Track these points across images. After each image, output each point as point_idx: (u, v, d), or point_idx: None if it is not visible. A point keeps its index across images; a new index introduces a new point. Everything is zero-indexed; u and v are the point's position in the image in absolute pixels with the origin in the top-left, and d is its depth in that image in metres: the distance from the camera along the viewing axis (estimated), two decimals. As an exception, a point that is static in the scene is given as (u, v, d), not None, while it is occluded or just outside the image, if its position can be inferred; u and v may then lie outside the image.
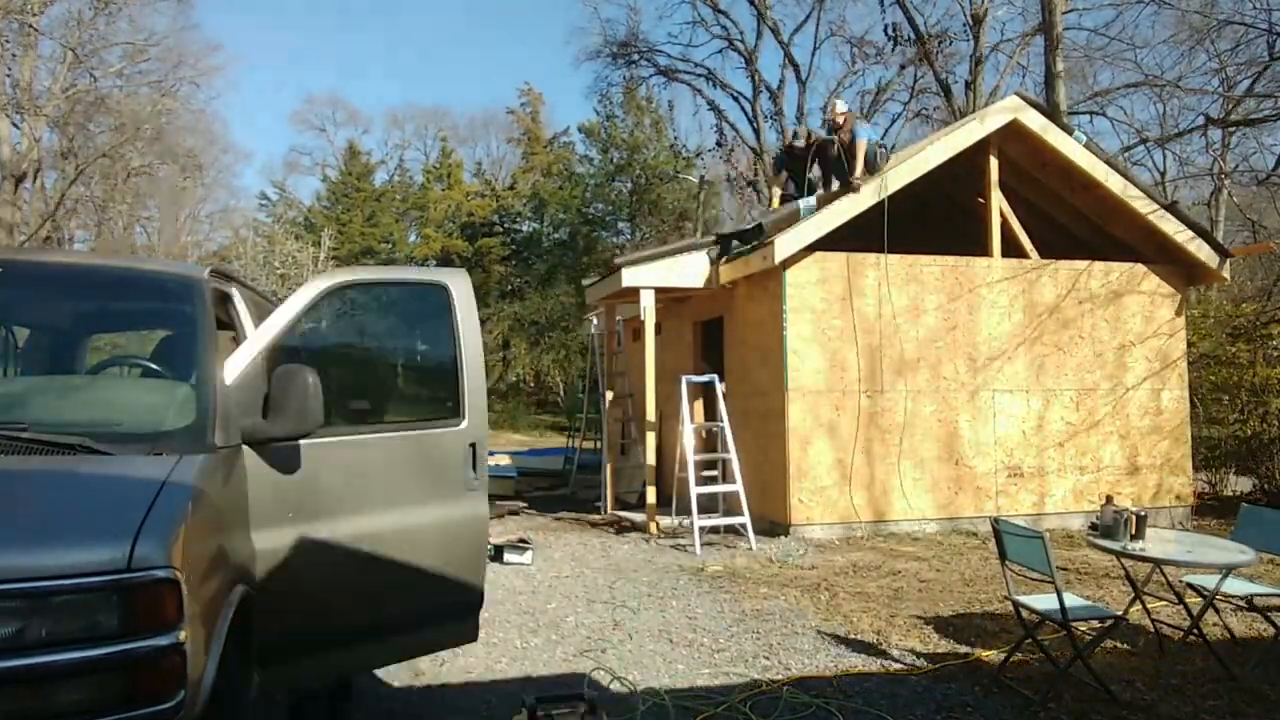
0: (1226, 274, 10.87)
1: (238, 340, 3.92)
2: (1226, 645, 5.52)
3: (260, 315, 4.55)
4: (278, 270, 31.01)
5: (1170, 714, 4.44)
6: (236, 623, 2.86)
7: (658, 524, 10.20)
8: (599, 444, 13.78)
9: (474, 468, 3.88)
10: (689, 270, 10.56)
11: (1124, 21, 17.65)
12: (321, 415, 3.26)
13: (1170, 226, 10.54)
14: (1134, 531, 5.14)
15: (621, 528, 10.59)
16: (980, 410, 10.02)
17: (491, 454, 16.82)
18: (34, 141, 23.06)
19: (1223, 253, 10.75)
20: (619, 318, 13.10)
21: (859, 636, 5.90)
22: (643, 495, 10.69)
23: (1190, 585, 5.64)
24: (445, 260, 43.19)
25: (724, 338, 11.15)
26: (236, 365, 3.35)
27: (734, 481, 9.31)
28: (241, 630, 2.98)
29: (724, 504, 10.62)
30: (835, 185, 10.18)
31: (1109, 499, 5.67)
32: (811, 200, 9.54)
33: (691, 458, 9.32)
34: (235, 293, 4.14)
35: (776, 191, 11.26)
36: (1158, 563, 5.07)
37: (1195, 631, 5.15)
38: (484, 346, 4.18)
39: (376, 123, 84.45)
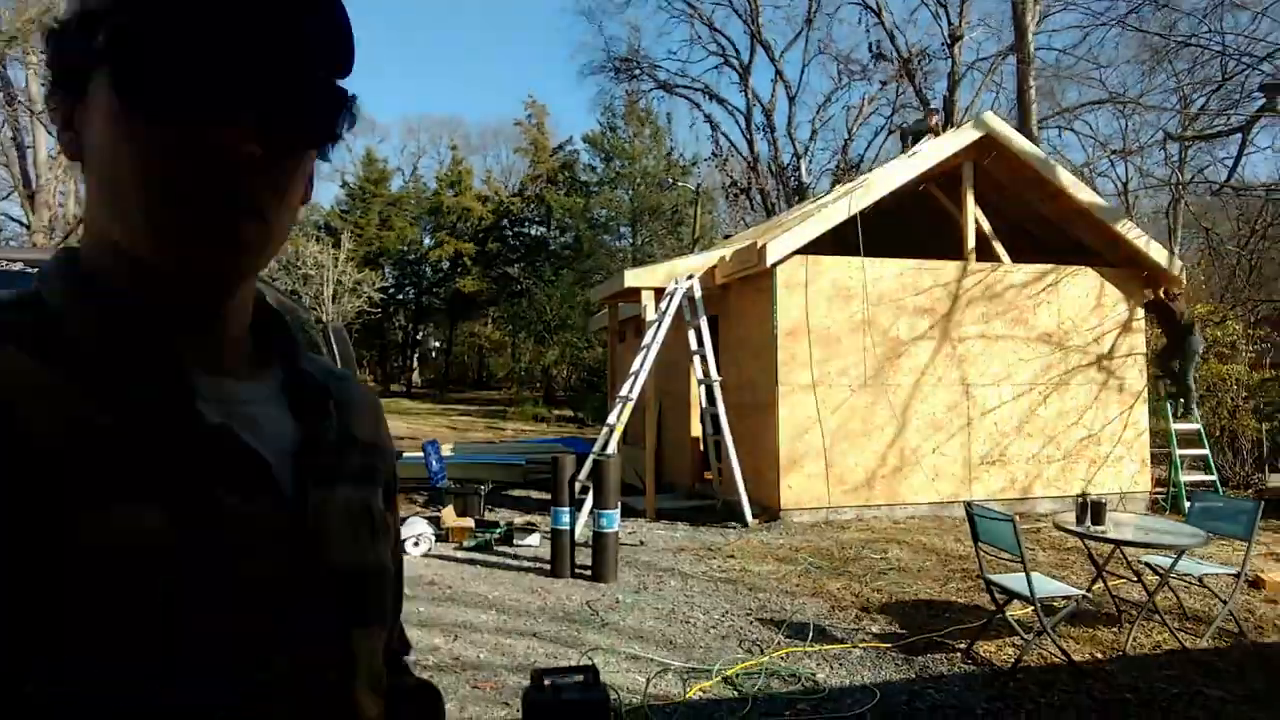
0: (1182, 277, 10.97)
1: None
2: (1180, 619, 5.62)
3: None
4: (299, 271, 30.98)
5: (1128, 683, 4.54)
6: None
7: (656, 509, 10.28)
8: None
9: None
10: (686, 271, 10.62)
11: (1090, 43, 17.77)
12: None
13: (1130, 232, 10.65)
14: (1095, 515, 5.25)
15: (623, 512, 10.64)
16: (957, 403, 10.10)
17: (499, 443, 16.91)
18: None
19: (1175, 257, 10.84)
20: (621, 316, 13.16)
21: (843, 613, 5.98)
22: (644, 482, 10.76)
23: (1147, 565, 5.74)
24: (456, 261, 43.23)
25: (720, 335, 11.22)
26: None
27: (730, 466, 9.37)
28: None
29: (719, 488, 10.72)
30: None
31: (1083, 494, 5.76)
32: None
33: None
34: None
35: None
36: (1118, 544, 5.17)
37: (1151, 607, 5.25)
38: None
39: (393, 132, 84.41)
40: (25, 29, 17.90)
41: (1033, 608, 4.64)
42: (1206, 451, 10.84)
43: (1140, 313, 10.96)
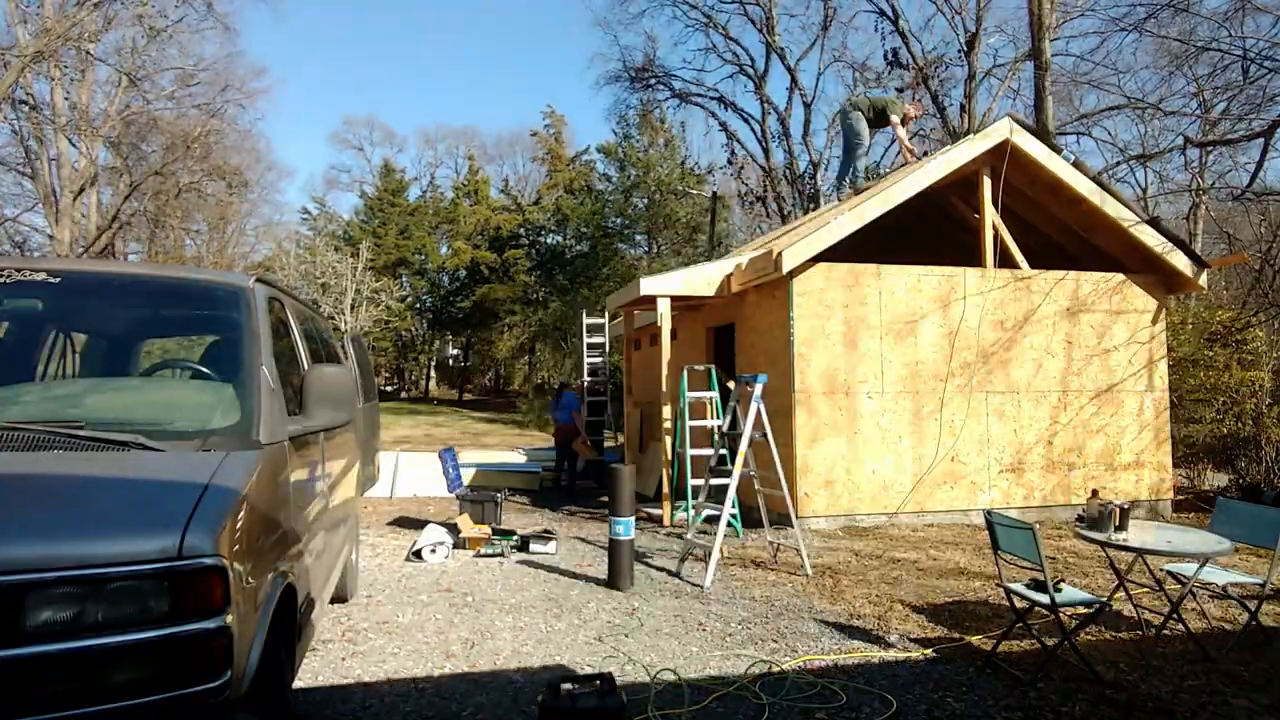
0: (1204, 283, 10.85)
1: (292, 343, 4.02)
2: (1204, 629, 5.54)
3: (301, 321, 4.64)
4: (319, 280, 31.21)
5: (1151, 693, 4.47)
6: (280, 610, 2.87)
7: (672, 517, 10.25)
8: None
9: None
10: (702, 279, 10.61)
11: (1108, 48, 17.72)
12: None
13: (1150, 239, 10.55)
14: (1117, 523, 5.19)
15: (639, 520, 10.63)
16: (975, 410, 10.03)
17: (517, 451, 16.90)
18: (91, 160, 23.34)
19: (1200, 263, 10.74)
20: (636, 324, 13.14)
21: (861, 621, 5.94)
22: (659, 490, 10.73)
23: (1170, 573, 5.65)
24: (474, 271, 43.40)
25: (735, 342, 11.19)
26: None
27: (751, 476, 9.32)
28: (285, 617, 3.01)
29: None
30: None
31: (1094, 493, 5.70)
32: None
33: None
34: (285, 300, 4.24)
35: None
36: (1140, 552, 5.10)
37: (1175, 617, 5.17)
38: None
39: (410, 142, 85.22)
40: (51, 45, 18.15)
41: (1054, 616, 4.58)
42: None
43: (1162, 318, 10.85)
